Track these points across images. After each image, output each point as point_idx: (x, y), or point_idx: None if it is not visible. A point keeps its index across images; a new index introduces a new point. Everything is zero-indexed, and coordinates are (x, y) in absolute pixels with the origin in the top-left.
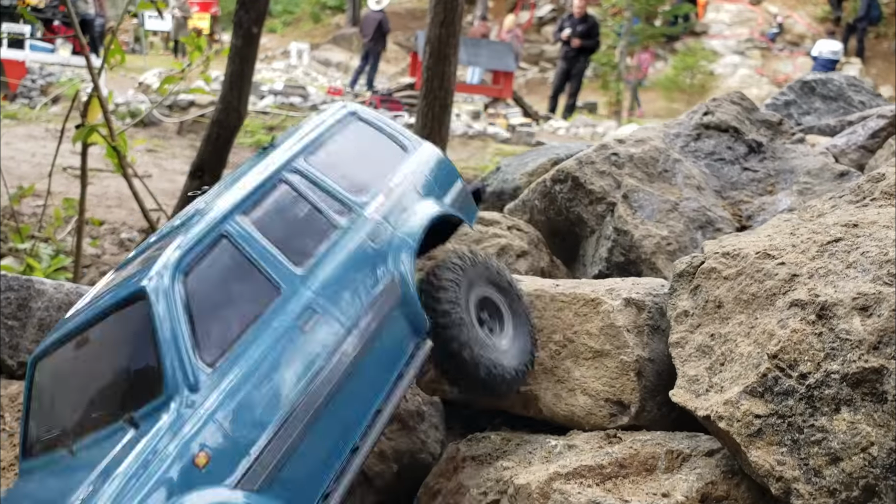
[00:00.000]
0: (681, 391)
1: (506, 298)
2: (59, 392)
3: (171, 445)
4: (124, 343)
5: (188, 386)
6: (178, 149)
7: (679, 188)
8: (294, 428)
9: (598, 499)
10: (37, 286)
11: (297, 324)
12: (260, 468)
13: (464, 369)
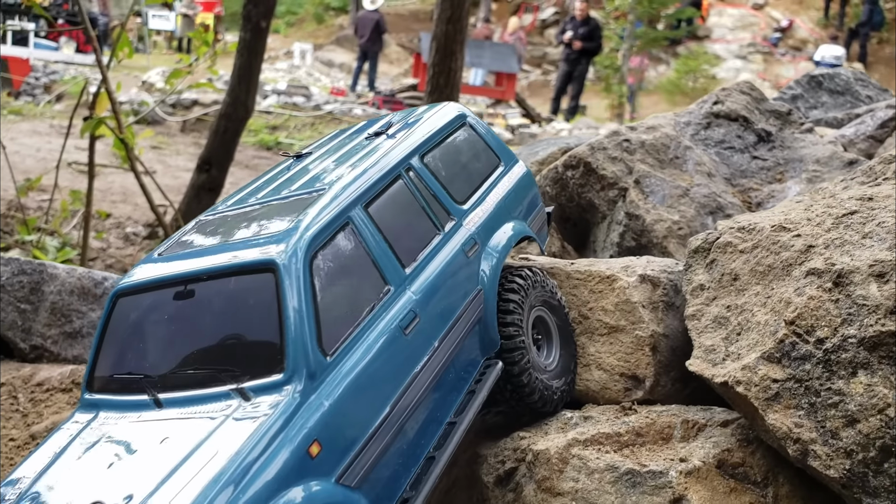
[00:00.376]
0: (697, 361)
1: (555, 317)
2: (143, 336)
3: (288, 431)
4: (240, 310)
5: (308, 372)
6: (181, 146)
7: (690, 174)
8: (388, 431)
9: (617, 463)
10: (49, 270)
11: (401, 326)
12: (358, 466)
13: (521, 394)
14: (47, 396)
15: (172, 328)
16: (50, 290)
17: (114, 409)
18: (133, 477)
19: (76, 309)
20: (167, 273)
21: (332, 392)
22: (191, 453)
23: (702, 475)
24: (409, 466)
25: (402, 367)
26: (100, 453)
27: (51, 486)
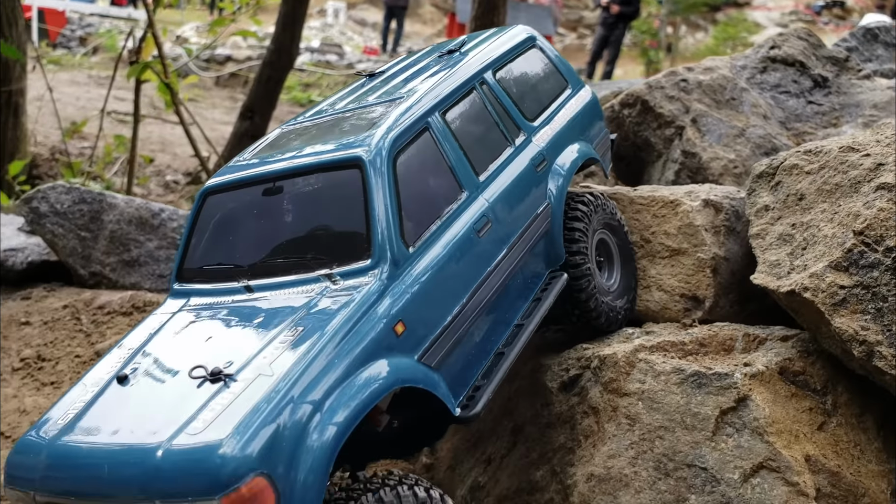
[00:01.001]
0: (762, 275)
1: (616, 239)
2: (232, 230)
3: (376, 309)
4: (327, 204)
5: (392, 259)
6: (217, 99)
7: (746, 115)
8: (462, 322)
9: (683, 366)
10: (109, 200)
11: (475, 228)
12: (437, 350)
13: (586, 314)
14: (108, 318)
15: (261, 222)
16: (109, 218)
17: (205, 295)
18: (230, 348)
19: (134, 238)
20: (256, 172)
21: (415, 280)
22: (284, 328)
23: (765, 379)
24: (481, 358)
25: (475, 266)
26: (195, 330)
27: (153, 355)
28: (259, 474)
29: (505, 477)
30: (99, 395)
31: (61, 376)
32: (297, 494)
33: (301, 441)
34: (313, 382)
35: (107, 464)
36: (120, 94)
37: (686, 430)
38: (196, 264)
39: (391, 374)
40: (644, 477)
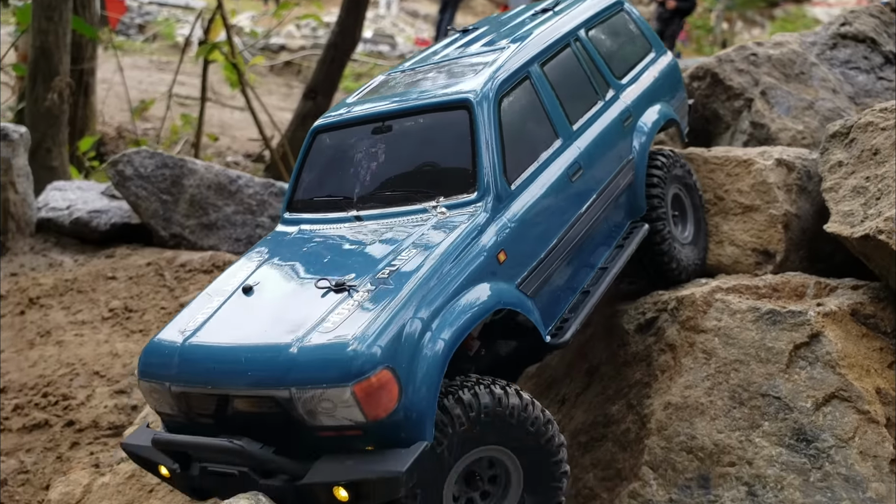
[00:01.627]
0: (835, 224)
1: (690, 196)
2: (341, 165)
3: (482, 238)
4: (435, 142)
5: (496, 195)
6: (273, 86)
7: (815, 89)
8: (555, 259)
9: (758, 305)
10: (189, 165)
11: (568, 173)
12: (533, 280)
13: (661, 264)
14: (190, 276)
15: (370, 158)
16: (189, 183)
17: (316, 223)
18: (348, 265)
19: (212, 203)
20: (366, 111)
21: (515, 215)
22: (397, 249)
23: (837, 318)
24: (568, 295)
25: (568, 208)
26: (312, 251)
27: (272, 271)
28: (386, 367)
29: (580, 413)
30: (225, 303)
31: (149, 325)
32: (416, 393)
33: (417, 347)
34: (427, 297)
35: (244, 357)
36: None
37: (760, 363)
38: (306, 196)
39: (493, 296)
40: (719, 405)
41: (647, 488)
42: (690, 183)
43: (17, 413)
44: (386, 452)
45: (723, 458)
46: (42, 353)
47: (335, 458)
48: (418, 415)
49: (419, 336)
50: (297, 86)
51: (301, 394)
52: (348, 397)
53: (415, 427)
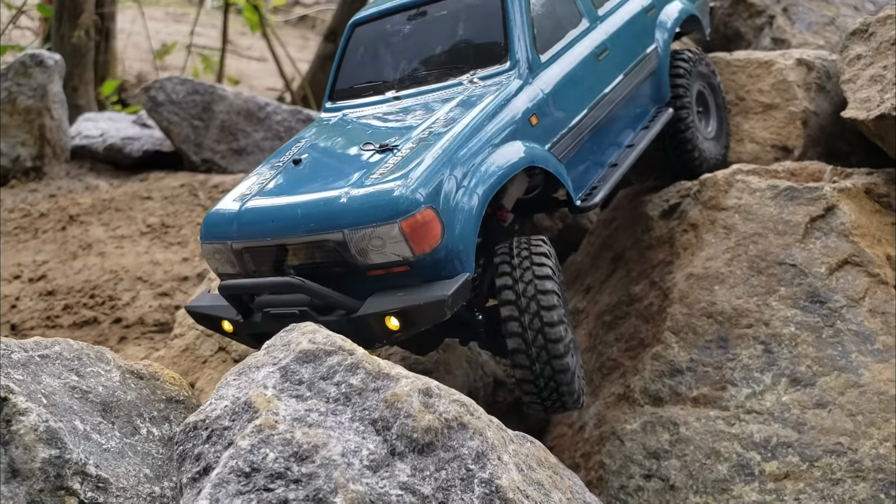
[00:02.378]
0: (852, 110)
1: (713, 95)
2: (379, 53)
3: (515, 102)
4: (468, 22)
5: (528, 64)
6: (289, 38)
7: (836, 6)
8: (584, 128)
9: (777, 183)
10: (219, 92)
11: (595, 52)
12: (563, 145)
13: (684, 151)
14: (223, 195)
15: (405, 44)
16: (220, 109)
17: (357, 108)
18: (390, 132)
19: (242, 129)
20: (394, 4)
21: (546, 84)
22: (436, 114)
23: (852, 194)
24: (598, 167)
25: (595, 84)
26: (356, 127)
27: (319, 146)
28: (429, 207)
29: (604, 297)
30: (278, 174)
31: (186, 238)
32: (457, 233)
33: (456, 193)
34: (465, 152)
35: (299, 209)
36: (198, 30)
37: (778, 235)
38: (346, 85)
39: (527, 154)
40: (738, 274)
41: (668, 350)
42: (714, 83)
43: (67, 312)
44: (432, 283)
45: (741, 320)
46: (86, 263)
47: (386, 293)
48: (459, 252)
49: (458, 184)
50: (312, 38)
51: (353, 234)
52: (396, 233)
53: (457, 262)
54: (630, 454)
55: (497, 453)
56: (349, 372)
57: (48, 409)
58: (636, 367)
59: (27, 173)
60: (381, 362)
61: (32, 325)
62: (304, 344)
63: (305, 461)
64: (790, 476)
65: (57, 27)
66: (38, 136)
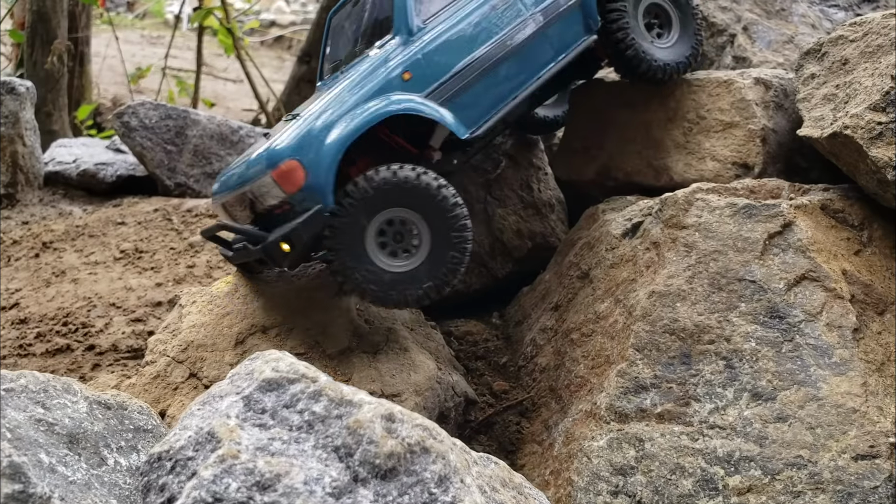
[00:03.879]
0: (807, 128)
1: (673, 3)
2: (340, 36)
3: (390, 63)
4: (377, 2)
5: (407, 31)
6: (265, 59)
7: (795, 25)
8: (470, 73)
9: (736, 201)
10: (192, 116)
11: (492, 4)
12: (442, 91)
13: (631, 67)
14: (196, 220)
15: (351, 26)
16: (193, 133)
17: (329, 84)
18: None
19: (215, 152)
20: None
21: (423, 44)
22: (337, 84)
23: (808, 210)
24: (497, 102)
25: (486, 32)
26: (316, 96)
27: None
28: (293, 158)
29: (571, 315)
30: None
31: (160, 264)
32: (316, 173)
33: (319, 143)
34: (332, 110)
35: (235, 174)
36: (174, 53)
37: (737, 252)
38: (326, 65)
39: (393, 103)
40: (700, 291)
41: (633, 367)
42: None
43: (40, 340)
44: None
45: (703, 336)
46: (59, 290)
47: (280, 226)
48: (320, 189)
49: (321, 136)
50: (288, 59)
51: (252, 187)
52: (269, 180)
53: (318, 196)
54: (597, 471)
55: (460, 476)
56: (312, 399)
57: (12, 444)
58: (602, 384)
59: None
60: (345, 389)
61: (5, 353)
62: (266, 372)
63: (268, 490)
64: (753, 490)
65: (30, 53)
66: (10, 163)
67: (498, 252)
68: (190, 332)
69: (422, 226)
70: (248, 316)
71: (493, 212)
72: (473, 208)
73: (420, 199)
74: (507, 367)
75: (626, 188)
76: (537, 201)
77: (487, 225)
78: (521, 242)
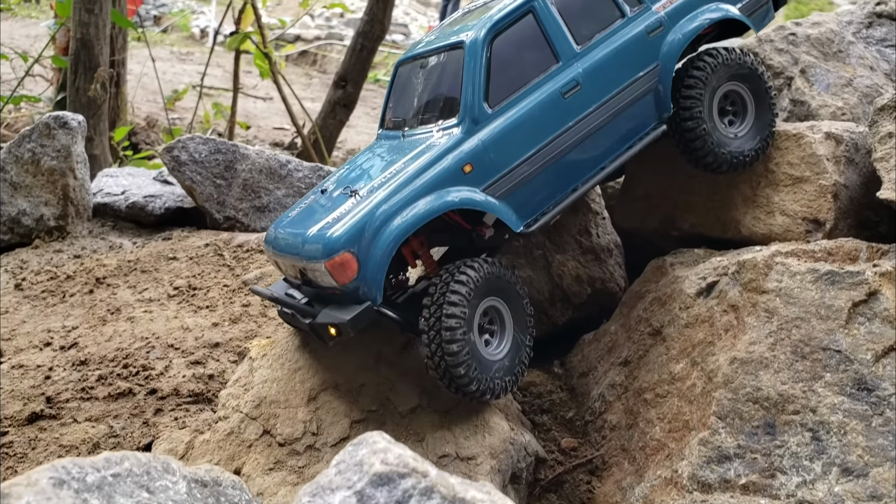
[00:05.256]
0: (887, 191)
1: (752, 89)
2: (404, 92)
3: (451, 154)
4: (445, 75)
5: (472, 118)
6: (292, 76)
7: (853, 67)
8: (532, 166)
9: (817, 266)
10: (241, 151)
11: (561, 91)
12: (503, 184)
13: (697, 158)
14: (248, 255)
15: (417, 86)
16: (242, 168)
17: (388, 139)
18: (373, 173)
19: (264, 186)
20: (416, 49)
21: (488, 133)
22: (397, 163)
23: (892, 277)
24: (557, 192)
25: (554, 122)
26: (367, 161)
27: (342, 176)
28: (348, 251)
29: (643, 373)
30: (308, 199)
31: (214, 301)
32: (369, 269)
33: (375, 237)
34: (392, 203)
35: (288, 238)
36: (201, 70)
37: (820, 320)
38: (389, 118)
39: (451, 197)
40: (782, 359)
41: (716, 436)
42: (750, 74)
43: (102, 383)
44: (351, 306)
45: (787, 406)
46: (115, 329)
47: (332, 307)
48: (370, 284)
49: (377, 230)
50: (315, 75)
51: (306, 265)
52: (324, 269)
53: (367, 292)
54: None
55: None
56: (424, 496)
57: None
58: (682, 450)
59: (50, 232)
60: (456, 485)
61: (67, 397)
62: (377, 465)
63: None
64: None
65: (73, 80)
66: (61, 195)
67: (557, 299)
68: (262, 387)
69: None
70: (319, 371)
71: (553, 258)
72: (533, 254)
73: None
74: (573, 422)
75: (691, 239)
76: (595, 246)
77: (547, 271)
78: (581, 288)
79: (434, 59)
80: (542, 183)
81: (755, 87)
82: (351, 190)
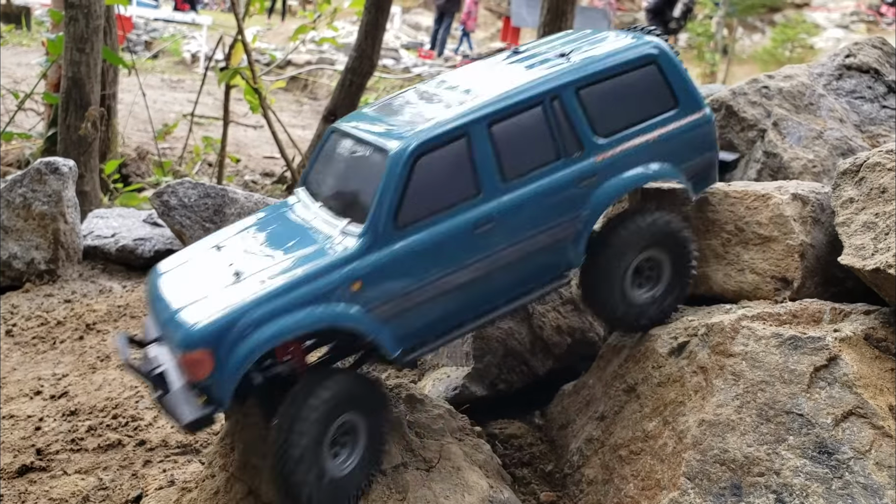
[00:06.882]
0: (848, 256)
1: (672, 255)
2: (328, 164)
3: (344, 267)
4: (365, 174)
5: (377, 233)
6: (284, 103)
7: (823, 119)
8: (422, 295)
9: (781, 331)
10: (230, 195)
11: (475, 225)
12: (391, 307)
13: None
14: None
15: (338, 165)
16: (231, 211)
17: (301, 203)
18: (266, 252)
19: None
20: (348, 128)
21: (388, 254)
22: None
23: (852, 342)
24: (441, 325)
25: (461, 255)
26: (273, 227)
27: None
28: (206, 349)
29: (619, 429)
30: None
31: None
32: (223, 372)
33: (239, 339)
34: (269, 304)
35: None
36: (192, 97)
37: (784, 384)
38: (309, 174)
39: (324, 316)
40: (748, 422)
41: (685, 496)
42: (678, 242)
43: (91, 434)
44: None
45: (753, 468)
46: (105, 377)
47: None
48: (220, 387)
49: (244, 331)
50: (305, 101)
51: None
52: (178, 361)
53: (217, 393)
54: None
55: None
56: None
57: None
58: None
59: (41, 276)
60: None
61: (57, 448)
62: None
63: None
64: None
65: (63, 118)
66: (52, 240)
67: (538, 349)
68: (248, 448)
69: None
70: None
71: (533, 308)
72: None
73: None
74: (553, 475)
75: None
76: (575, 297)
77: (528, 322)
78: (561, 339)
79: (361, 150)
80: (431, 313)
81: (676, 254)
82: (236, 272)
